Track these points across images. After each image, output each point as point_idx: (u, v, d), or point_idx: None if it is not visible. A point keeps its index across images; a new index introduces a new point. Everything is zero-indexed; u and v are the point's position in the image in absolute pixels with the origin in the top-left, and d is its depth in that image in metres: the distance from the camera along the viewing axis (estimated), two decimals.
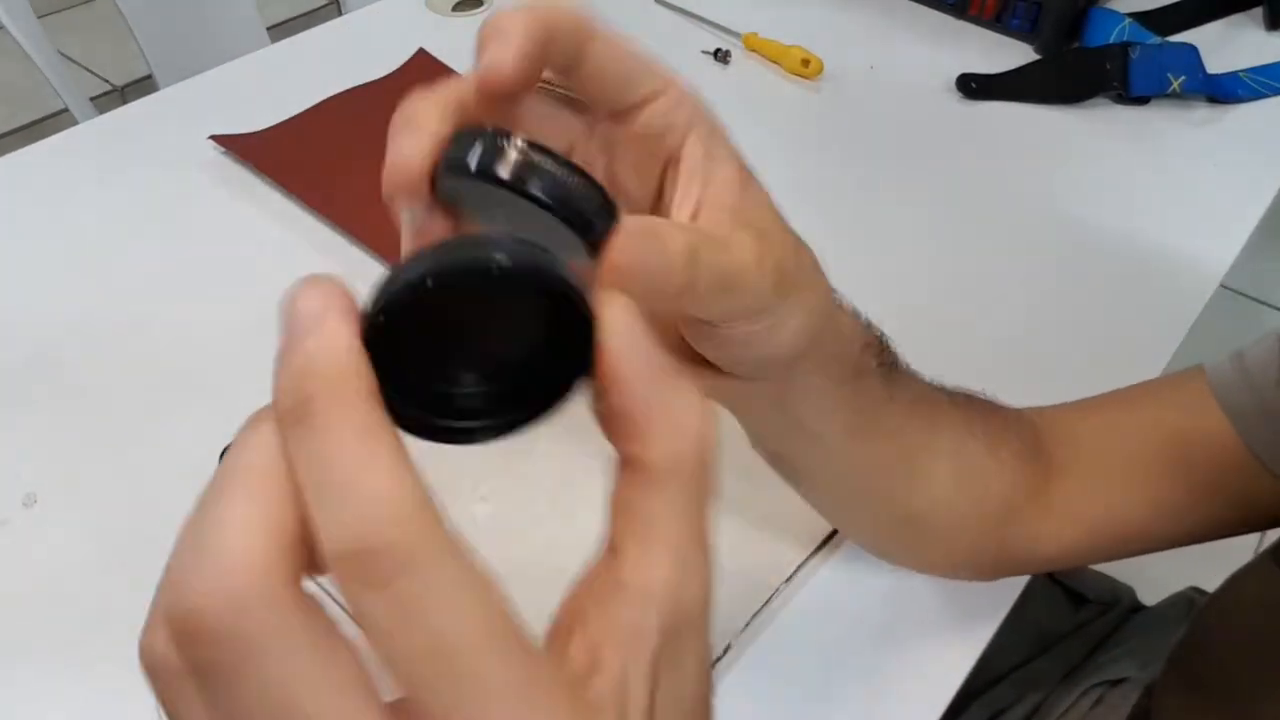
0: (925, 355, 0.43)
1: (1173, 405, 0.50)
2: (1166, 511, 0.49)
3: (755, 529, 0.55)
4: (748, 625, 0.52)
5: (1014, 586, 0.54)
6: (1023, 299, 0.73)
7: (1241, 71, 0.91)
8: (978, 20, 0.99)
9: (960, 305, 0.72)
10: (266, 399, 0.20)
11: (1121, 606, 0.73)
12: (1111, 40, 0.93)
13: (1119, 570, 0.79)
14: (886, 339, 0.41)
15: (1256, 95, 0.91)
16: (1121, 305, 0.73)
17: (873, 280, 0.46)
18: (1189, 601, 0.73)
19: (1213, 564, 0.55)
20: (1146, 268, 0.75)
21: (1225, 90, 0.91)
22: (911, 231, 0.78)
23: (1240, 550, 0.51)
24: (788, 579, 0.54)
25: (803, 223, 0.33)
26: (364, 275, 0.20)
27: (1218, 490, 0.48)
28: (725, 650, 0.51)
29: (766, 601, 0.53)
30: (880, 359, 0.40)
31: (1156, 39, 0.94)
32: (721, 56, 0.93)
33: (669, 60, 0.31)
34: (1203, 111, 0.91)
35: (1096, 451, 0.49)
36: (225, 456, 0.19)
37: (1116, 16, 0.95)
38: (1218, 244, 0.77)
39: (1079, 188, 0.83)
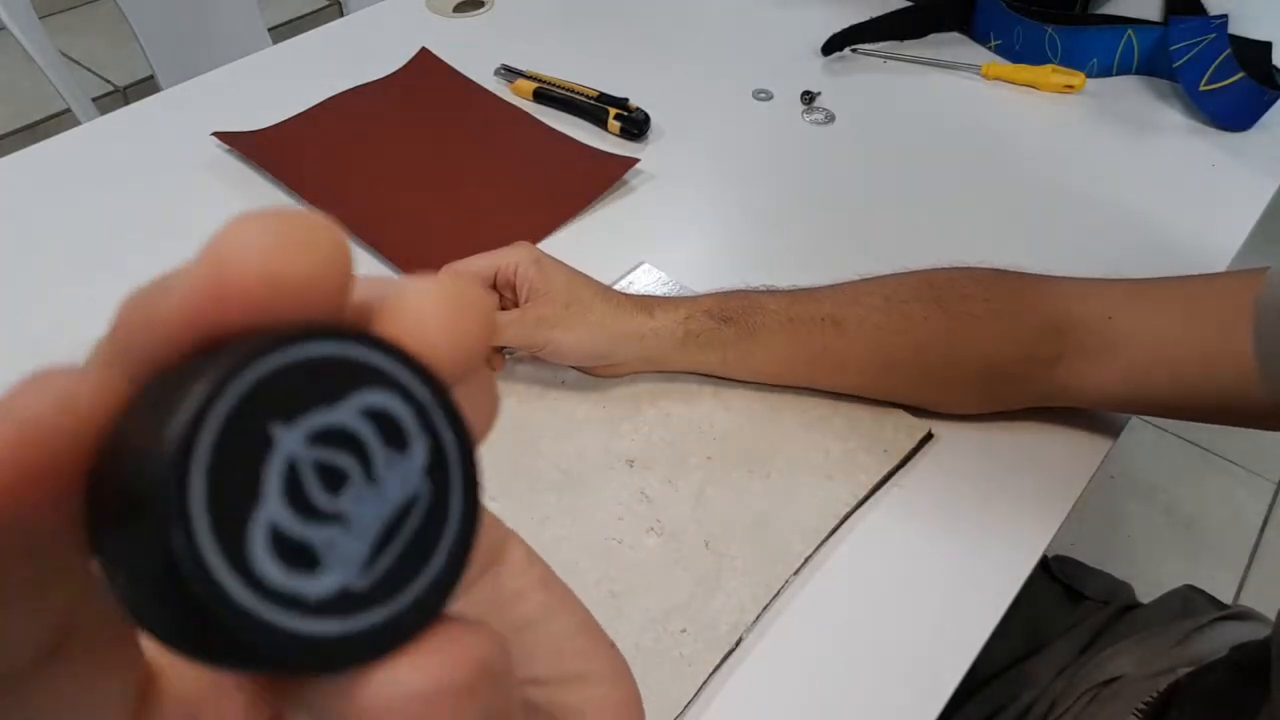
0: None
1: (1211, 319, 0.54)
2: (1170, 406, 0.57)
3: (764, 523, 0.56)
4: (758, 619, 0.52)
5: (1013, 584, 0.55)
6: None
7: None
8: None
9: None
10: None
11: (1117, 604, 0.73)
12: None
13: (1118, 568, 0.79)
14: (738, 294, 0.60)
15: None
16: None
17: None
18: (1184, 599, 0.74)
19: (1212, 564, 0.56)
20: (1146, 268, 0.75)
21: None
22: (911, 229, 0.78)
23: (1240, 551, 0.51)
24: (796, 571, 0.54)
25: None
26: (365, 274, 0.20)
27: (1217, 397, 0.54)
28: (737, 644, 0.51)
29: (776, 594, 0.53)
30: (719, 317, 0.59)
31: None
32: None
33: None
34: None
35: (1127, 344, 0.56)
36: None
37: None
38: (1217, 243, 0.77)
39: (1079, 187, 0.83)
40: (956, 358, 0.58)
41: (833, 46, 0.95)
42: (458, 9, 1.01)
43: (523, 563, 0.19)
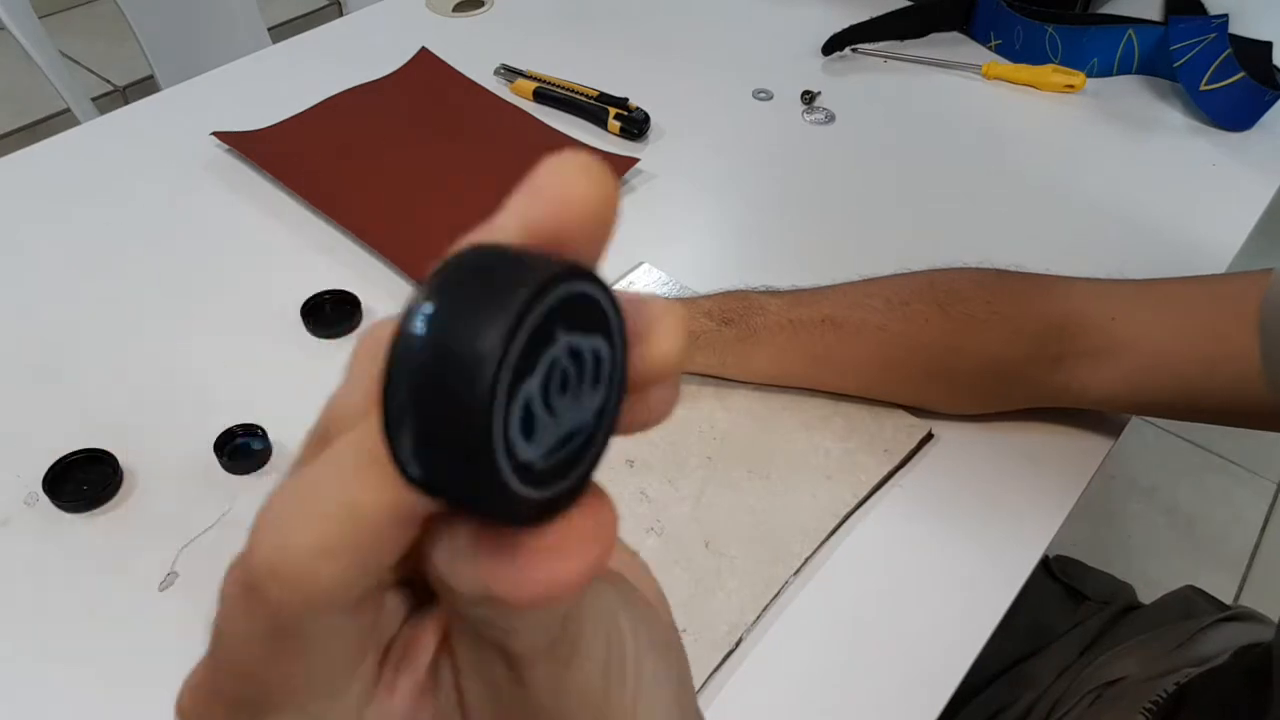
0: None
1: (1214, 320, 0.54)
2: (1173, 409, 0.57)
3: (764, 523, 0.56)
4: (757, 620, 0.52)
5: (1013, 585, 0.55)
6: None
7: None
8: None
9: None
10: (266, 397, 0.20)
11: (1118, 604, 0.73)
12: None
13: (1118, 568, 0.79)
14: (738, 295, 0.60)
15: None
16: None
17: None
18: (1185, 600, 0.73)
19: (1213, 564, 0.56)
20: (1146, 268, 0.75)
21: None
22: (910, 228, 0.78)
23: (1240, 551, 0.51)
24: (796, 571, 0.54)
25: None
26: (365, 274, 0.20)
27: (1221, 399, 0.54)
28: (736, 644, 0.51)
29: (776, 594, 0.53)
30: (719, 319, 0.58)
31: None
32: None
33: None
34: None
35: (1129, 345, 0.55)
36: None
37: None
38: (1217, 243, 0.77)
39: (1079, 187, 0.83)
40: (957, 359, 0.58)
41: (833, 46, 0.95)
42: (458, 9, 1.01)
43: None
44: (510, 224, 0.14)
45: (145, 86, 1.40)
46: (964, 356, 0.58)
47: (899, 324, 0.57)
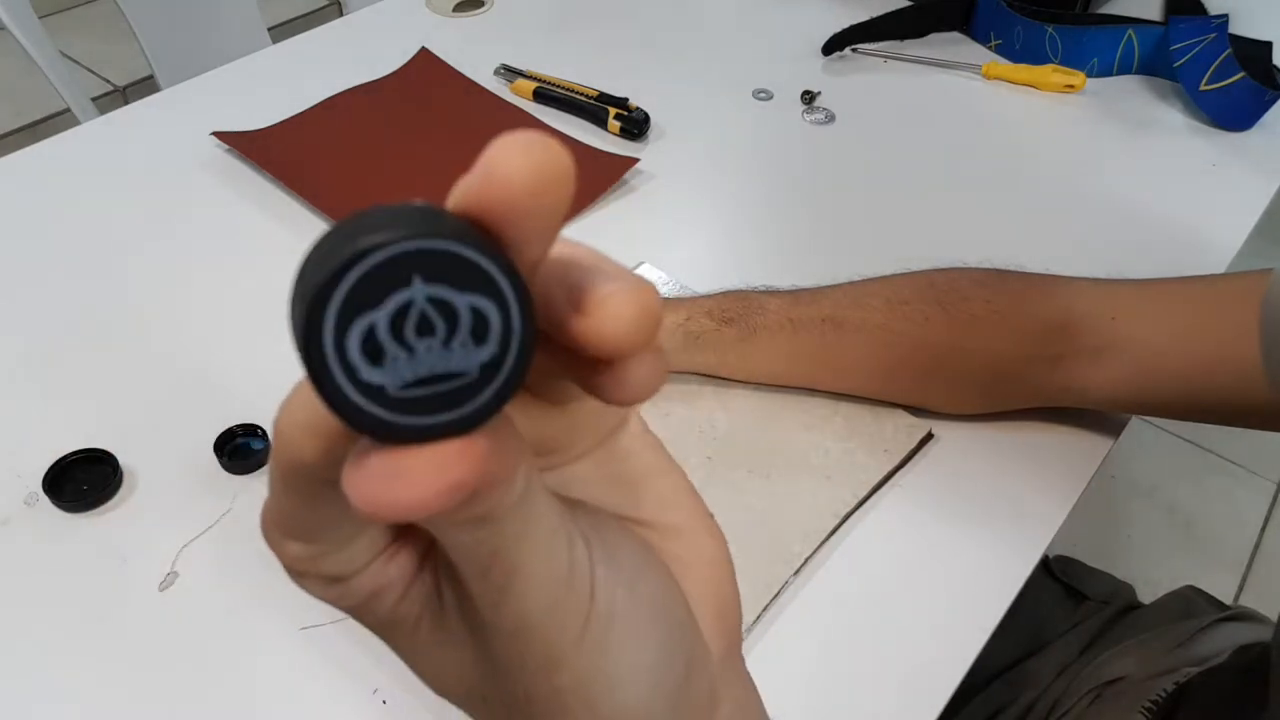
0: None
1: (1216, 319, 0.54)
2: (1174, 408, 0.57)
3: (764, 523, 0.56)
4: (758, 619, 0.52)
5: (1013, 584, 0.55)
6: None
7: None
8: None
9: None
10: (266, 397, 0.21)
11: (1118, 604, 0.73)
12: None
13: (1118, 568, 0.79)
14: (738, 295, 0.60)
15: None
16: None
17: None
18: (1185, 600, 0.73)
19: (1213, 564, 0.56)
20: (1147, 268, 0.75)
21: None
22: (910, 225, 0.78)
23: (1240, 551, 0.51)
24: (796, 571, 0.54)
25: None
26: None
27: (1222, 398, 0.54)
28: None
29: (776, 595, 0.53)
30: (719, 318, 0.59)
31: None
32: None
33: None
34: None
35: (1131, 344, 0.56)
36: None
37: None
38: (1217, 243, 0.77)
39: (1079, 187, 0.83)
40: (958, 359, 0.58)
41: (833, 46, 0.95)
42: (458, 9, 1.01)
43: (640, 429, 0.23)
44: (454, 197, 0.16)
45: (145, 86, 1.40)
46: (965, 356, 0.58)
47: (899, 323, 0.57)
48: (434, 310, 0.15)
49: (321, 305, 0.15)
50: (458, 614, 0.21)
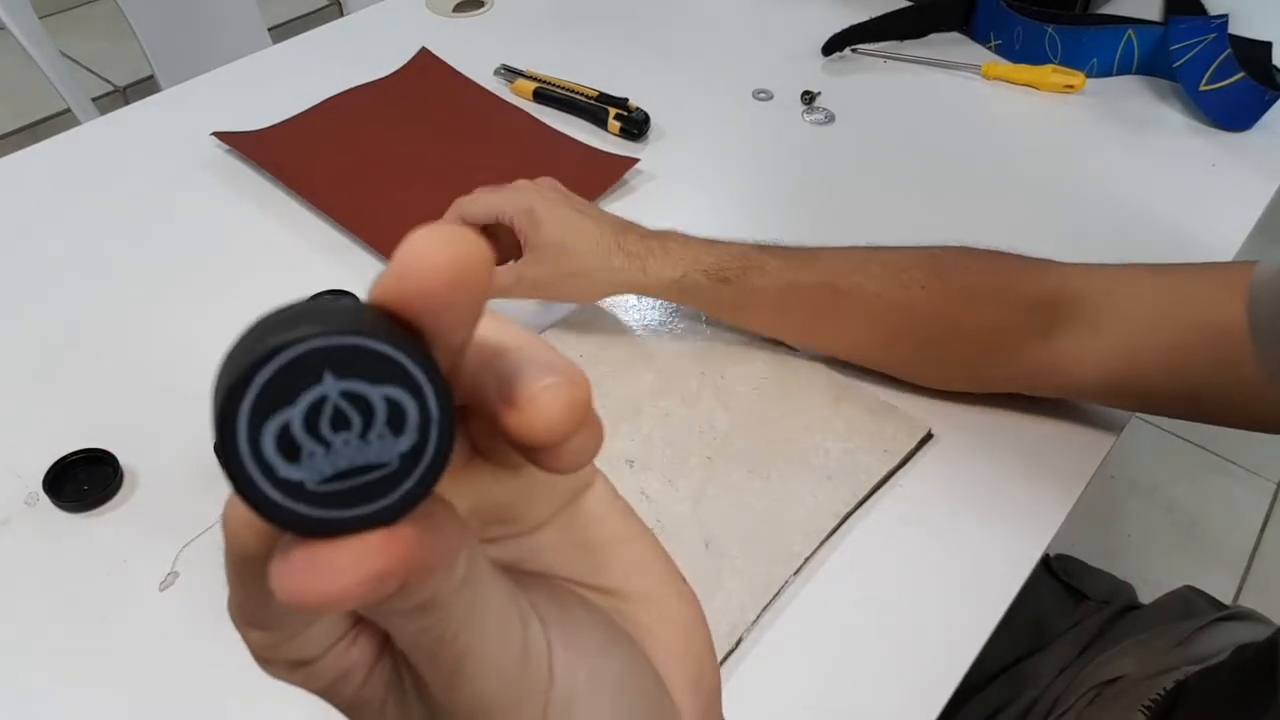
0: None
1: (1207, 292, 0.54)
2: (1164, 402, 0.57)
3: (764, 523, 0.56)
4: (757, 619, 0.52)
5: (1013, 584, 0.55)
6: None
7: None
8: None
9: None
10: None
11: (1118, 604, 0.73)
12: None
13: (1118, 568, 0.79)
14: (739, 251, 0.60)
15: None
16: None
17: None
18: (1185, 600, 0.74)
19: (1212, 564, 0.56)
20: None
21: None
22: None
23: (1240, 551, 0.51)
24: (796, 571, 0.54)
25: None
26: (366, 274, 0.20)
27: (1209, 376, 0.54)
28: (737, 644, 0.51)
29: (776, 594, 0.53)
30: (716, 278, 0.59)
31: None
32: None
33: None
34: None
35: (1124, 315, 0.56)
36: None
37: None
38: (1217, 243, 0.77)
39: (1079, 187, 0.83)
40: (953, 329, 0.58)
41: (833, 46, 0.95)
42: (458, 9, 1.01)
43: (607, 492, 0.23)
44: (372, 291, 0.16)
45: (145, 86, 1.40)
46: (959, 326, 0.58)
47: (897, 291, 0.58)
48: (348, 404, 0.15)
49: (234, 405, 0.15)
50: (417, 698, 0.20)
